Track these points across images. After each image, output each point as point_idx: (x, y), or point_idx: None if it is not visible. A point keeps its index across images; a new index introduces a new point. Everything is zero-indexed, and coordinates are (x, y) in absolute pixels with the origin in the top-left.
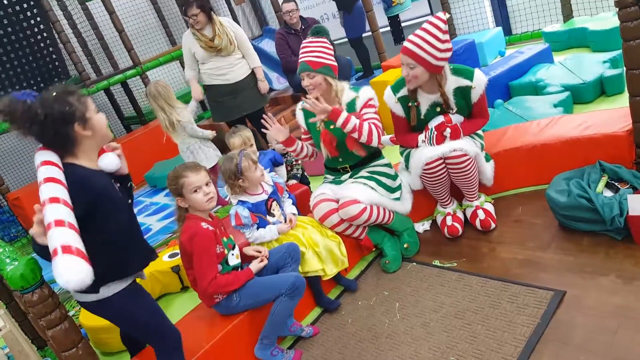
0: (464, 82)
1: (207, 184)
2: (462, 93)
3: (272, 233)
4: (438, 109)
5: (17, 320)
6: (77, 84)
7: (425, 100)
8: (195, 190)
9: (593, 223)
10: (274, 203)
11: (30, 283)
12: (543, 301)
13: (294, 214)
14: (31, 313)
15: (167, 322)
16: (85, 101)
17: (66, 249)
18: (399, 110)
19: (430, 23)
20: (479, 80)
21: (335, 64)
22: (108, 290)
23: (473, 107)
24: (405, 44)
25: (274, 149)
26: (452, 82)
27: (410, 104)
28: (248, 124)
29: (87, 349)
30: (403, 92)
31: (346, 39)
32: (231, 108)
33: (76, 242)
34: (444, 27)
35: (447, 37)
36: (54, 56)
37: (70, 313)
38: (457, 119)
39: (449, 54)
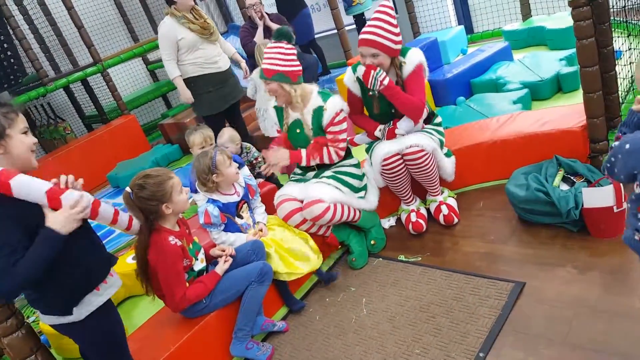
0: (399, 60)
1: None
2: (399, 69)
3: (241, 240)
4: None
5: None
6: (35, 82)
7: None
8: (181, 190)
9: (550, 216)
10: (245, 206)
11: None
12: (504, 293)
13: (264, 224)
14: None
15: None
16: (12, 118)
17: None
18: (356, 90)
19: (380, 12)
20: (411, 57)
21: (294, 68)
22: (80, 313)
23: (405, 84)
24: (363, 35)
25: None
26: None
27: (370, 94)
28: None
29: (46, 355)
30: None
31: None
32: (220, 97)
33: None
34: (393, 12)
35: (395, 21)
36: (9, 53)
37: (31, 319)
38: (404, 125)
39: (400, 38)
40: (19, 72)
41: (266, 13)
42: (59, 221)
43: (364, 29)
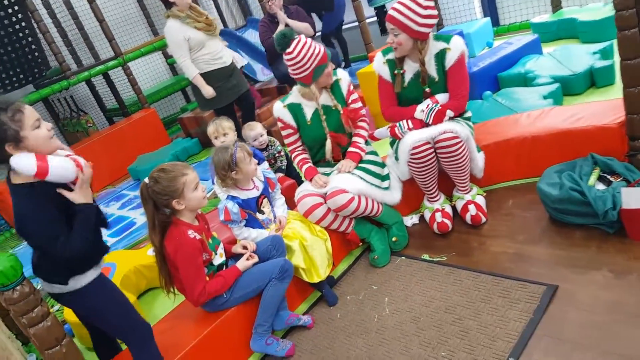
0: (442, 45)
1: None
2: (440, 58)
3: (262, 237)
4: (421, 80)
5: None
6: (58, 75)
7: (410, 69)
8: (196, 187)
9: (585, 216)
10: (265, 200)
11: (11, 280)
12: (535, 296)
13: (284, 217)
14: (12, 311)
15: (137, 314)
16: (20, 119)
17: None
18: (385, 73)
19: None
20: (456, 44)
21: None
22: (77, 282)
23: (447, 74)
24: (389, 11)
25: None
26: (434, 48)
27: (396, 72)
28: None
29: (71, 346)
30: (392, 55)
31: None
32: (228, 90)
33: None
34: None
35: (430, 3)
36: (33, 47)
37: (55, 308)
38: (443, 98)
39: (432, 20)
40: (42, 66)
41: (285, 6)
42: (82, 194)
43: (393, 5)
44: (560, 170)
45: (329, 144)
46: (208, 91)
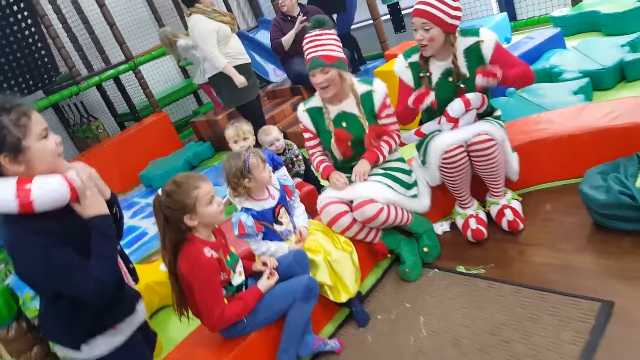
0: (471, 40)
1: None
2: (473, 53)
3: (282, 250)
4: (450, 79)
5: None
6: (68, 81)
7: (437, 69)
8: (211, 201)
9: (635, 222)
10: (282, 210)
11: (5, 318)
12: (589, 314)
13: (305, 227)
14: (7, 351)
15: None
16: (25, 124)
17: None
18: (407, 78)
19: None
20: (487, 34)
21: (344, 55)
22: (91, 350)
23: (492, 64)
24: (417, 6)
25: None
26: (460, 44)
27: (421, 75)
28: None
29: None
30: (415, 57)
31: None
32: (252, 86)
33: None
34: None
35: None
36: (42, 52)
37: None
38: (474, 97)
39: (461, 13)
40: (52, 71)
41: (301, 5)
42: (89, 205)
43: None
44: (603, 171)
45: (333, 140)
46: (240, 79)
